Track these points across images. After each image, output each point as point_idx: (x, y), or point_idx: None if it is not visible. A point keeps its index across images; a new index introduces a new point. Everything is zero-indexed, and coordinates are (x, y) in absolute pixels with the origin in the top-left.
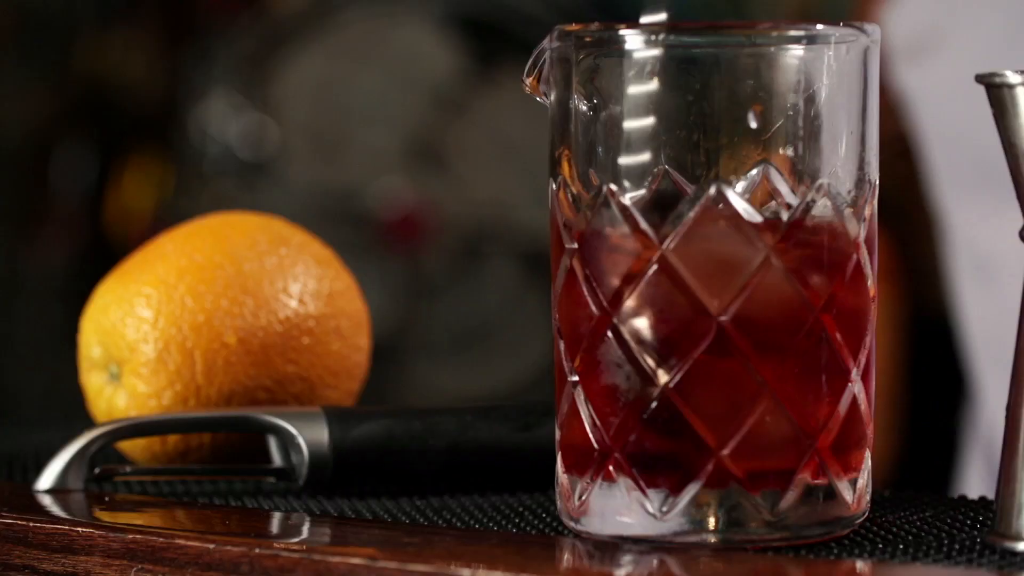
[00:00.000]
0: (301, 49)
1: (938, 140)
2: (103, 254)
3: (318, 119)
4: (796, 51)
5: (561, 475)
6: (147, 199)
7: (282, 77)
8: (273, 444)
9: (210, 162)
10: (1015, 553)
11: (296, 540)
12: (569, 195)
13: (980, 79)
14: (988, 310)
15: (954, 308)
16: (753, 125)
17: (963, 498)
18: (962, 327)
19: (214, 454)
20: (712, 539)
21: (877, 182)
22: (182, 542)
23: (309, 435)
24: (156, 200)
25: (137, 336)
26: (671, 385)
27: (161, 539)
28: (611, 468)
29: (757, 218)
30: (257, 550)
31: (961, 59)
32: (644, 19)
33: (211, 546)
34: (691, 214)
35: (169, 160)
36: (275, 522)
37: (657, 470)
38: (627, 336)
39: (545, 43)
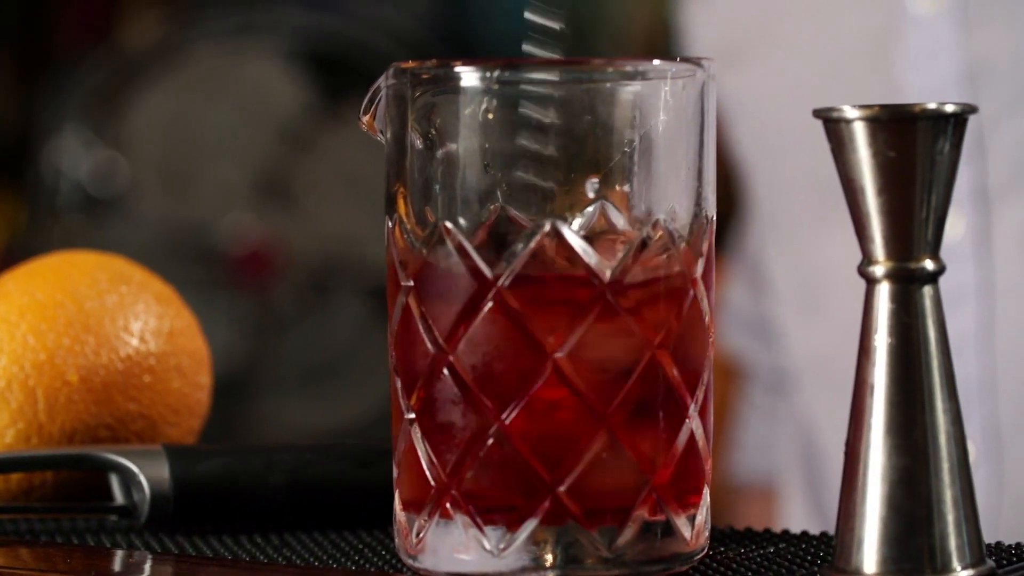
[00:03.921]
0: (151, 85)
1: (757, 154)
2: None
3: (168, 155)
4: (632, 87)
5: (399, 513)
6: None
7: (132, 113)
8: (115, 482)
9: (62, 199)
10: None
11: None
12: (405, 233)
13: (817, 114)
14: (814, 336)
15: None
16: (591, 195)
17: (805, 533)
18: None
19: (57, 492)
20: None
21: (714, 217)
22: None
23: (150, 473)
24: (8, 237)
25: None
26: (507, 422)
27: None
28: (448, 505)
29: (593, 254)
30: None
31: (777, 67)
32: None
33: None
34: (526, 251)
35: (21, 197)
36: (117, 560)
37: (494, 507)
38: (463, 374)
39: (381, 80)
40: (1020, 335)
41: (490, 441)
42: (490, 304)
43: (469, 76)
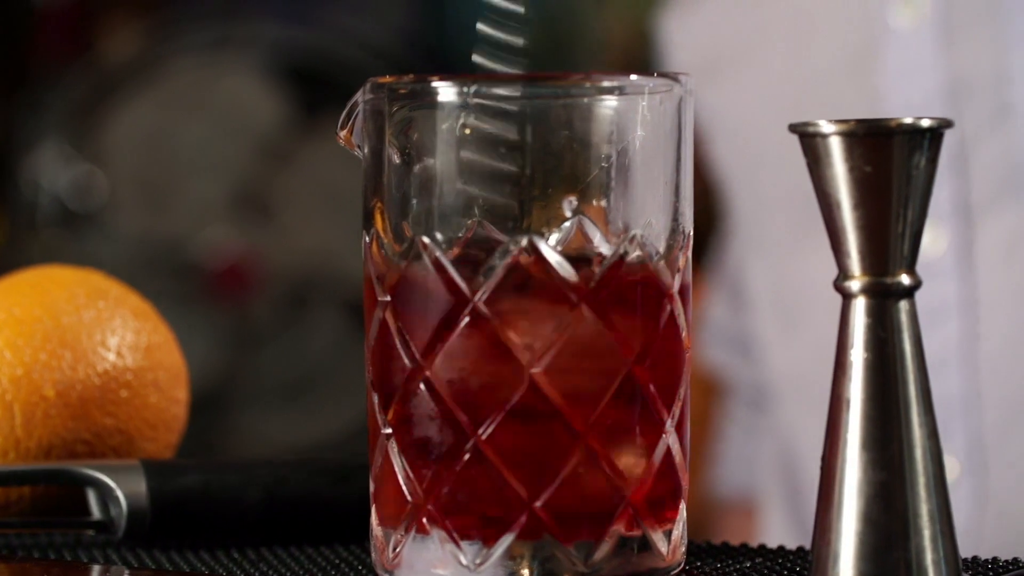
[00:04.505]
0: (130, 99)
1: (737, 169)
2: None
3: (146, 169)
4: (609, 102)
5: (375, 527)
6: None
7: (111, 127)
8: (92, 497)
9: (41, 213)
10: None
11: None
12: (382, 247)
13: (793, 128)
14: (793, 351)
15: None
16: (568, 213)
17: (781, 548)
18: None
19: (34, 507)
20: None
21: (691, 232)
22: None
23: (127, 487)
24: None
25: None
26: (483, 438)
27: None
28: (424, 520)
29: (569, 269)
30: None
31: (758, 82)
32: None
33: None
34: (503, 266)
35: (1, 211)
36: (94, 575)
37: (470, 522)
38: (440, 389)
39: (358, 95)
40: (1003, 350)
41: (467, 456)
42: (467, 319)
43: (446, 91)
